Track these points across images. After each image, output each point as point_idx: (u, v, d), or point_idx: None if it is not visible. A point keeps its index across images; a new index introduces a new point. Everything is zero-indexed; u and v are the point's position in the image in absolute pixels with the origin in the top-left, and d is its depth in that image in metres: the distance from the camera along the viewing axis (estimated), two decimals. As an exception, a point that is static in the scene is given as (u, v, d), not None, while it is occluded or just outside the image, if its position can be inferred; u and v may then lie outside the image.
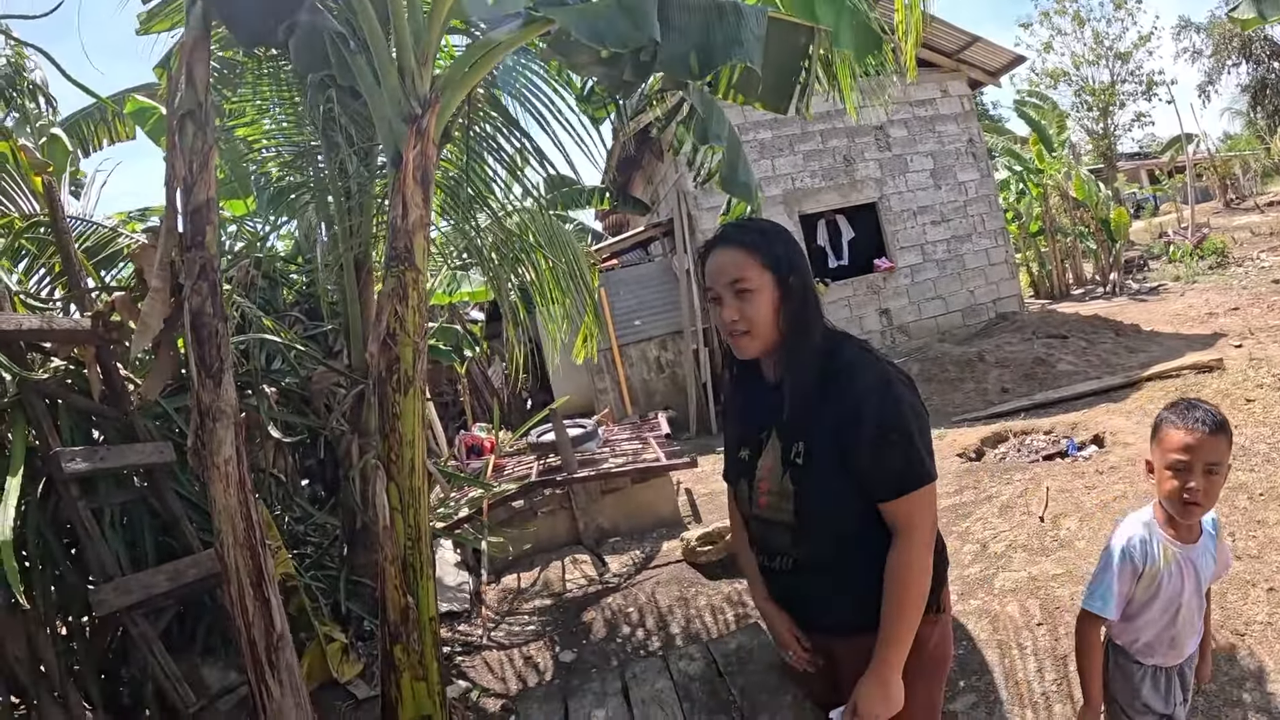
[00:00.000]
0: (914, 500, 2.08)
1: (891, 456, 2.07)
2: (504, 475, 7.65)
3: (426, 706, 3.44)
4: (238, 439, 3.15)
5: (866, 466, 2.09)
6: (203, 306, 3.11)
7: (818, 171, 13.58)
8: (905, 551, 2.07)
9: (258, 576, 3.15)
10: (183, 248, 3.18)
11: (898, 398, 2.09)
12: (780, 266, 2.16)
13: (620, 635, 5.36)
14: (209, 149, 3.22)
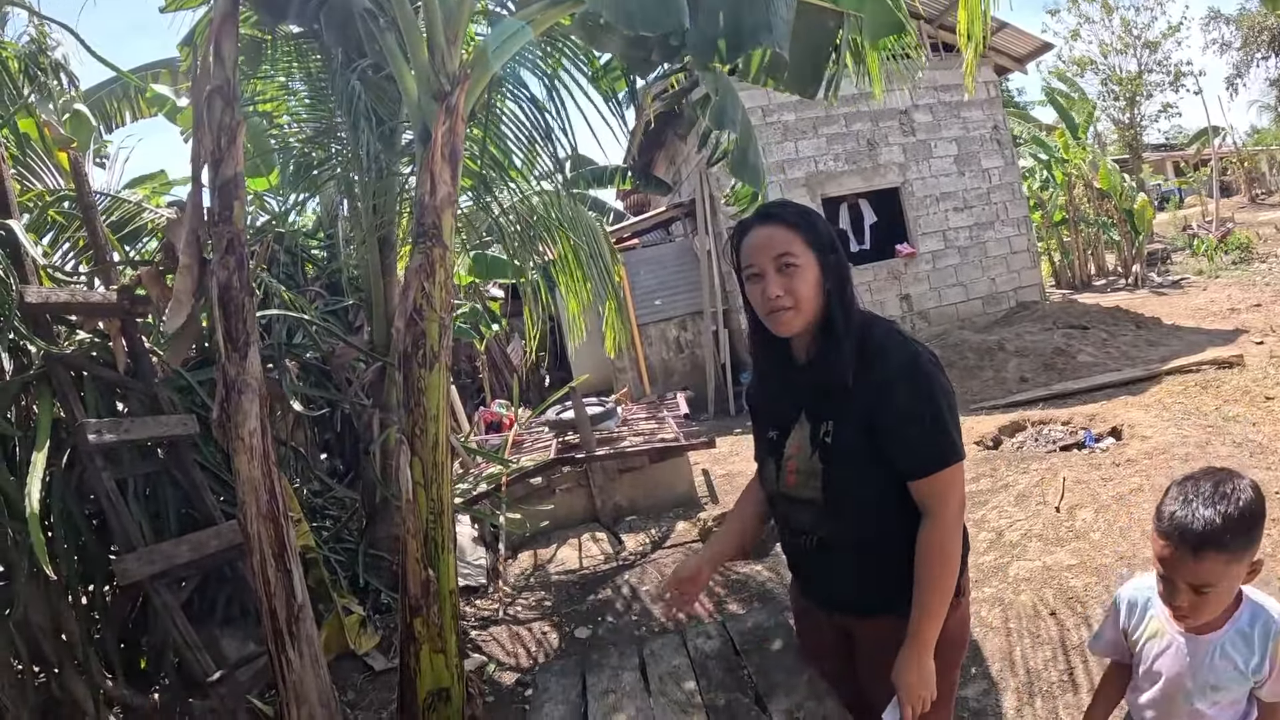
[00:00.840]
0: (944, 478, 2.11)
1: (922, 435, 2.10)
2: (522, 451, 7.69)
3: (445, 679, 3.47)
4: (262, 412, 3.18)
5: (897, 445, 2.12)
6: (230, 280, 3.14)
7: (841, 155, 13.51)
8: (936, 530, 2.10)
9: (280, 548, 3.19)
10: (210, 222, 3.21)
11: (929, 376, 2.12)
12: (823, 245, 2.18)
13: (635, 612, 5.42)
14: (236, 124, 3.25)
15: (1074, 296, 16.47)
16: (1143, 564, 4.61)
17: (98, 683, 3.74)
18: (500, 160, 5.61)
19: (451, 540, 3.42)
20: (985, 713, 3.78)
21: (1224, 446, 6.07)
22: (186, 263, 3.30)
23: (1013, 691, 3.87)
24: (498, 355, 13.81)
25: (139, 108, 9.35)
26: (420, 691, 3.46)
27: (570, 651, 4.99)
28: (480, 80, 3.65)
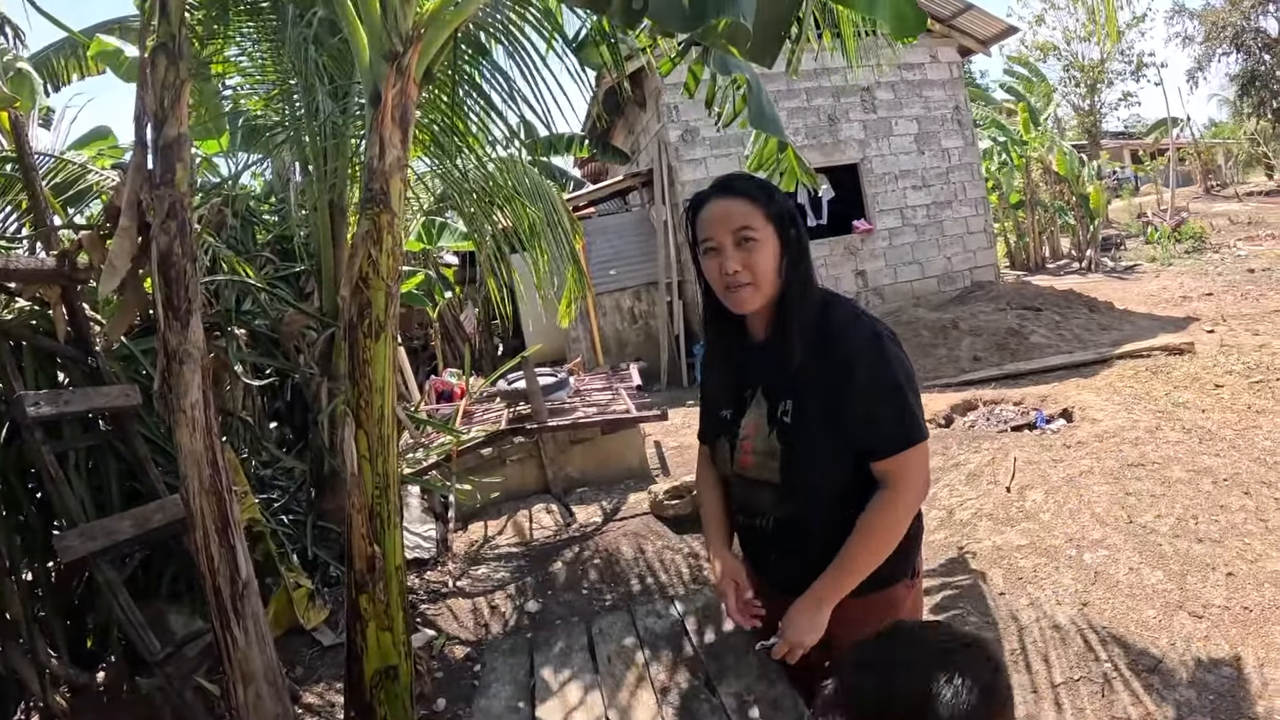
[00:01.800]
0: (907, 458, 2.07)
1: (885, 414, 2.06)
2: (474, 421, 7.61)
3: (391, 656, 3.41)
4: (204, 383, 3.08)
5: (859, 425, 2.07)
6: (171, 246, 3.02)
7: (801, 129, 13.47)
8: (892, 504, 2.07)
9: (223, 523, 3.10)
10: (152, 185, 3.10)
11: (890, 354, 2.08)
12: (783, 219, 2.12)
13: (586, 586, 5.38)
14: (182, 83, 3.12)
15: (1028, 278, 16.63)
16: (1090, 546, 4.68)
17: (43, 662, 3.65)
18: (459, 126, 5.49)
19: (398, 515, 3.35)
20: None
21: (1173, 432, 6.12)
22: (126, 226, 3.18)
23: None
24: (451, 323, 13.66)
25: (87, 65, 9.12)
26: (367, 669, 3.39)
27: (520, 627, 4.95)
28: (435, 40, 3.53)
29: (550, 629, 3.20)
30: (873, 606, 2.15)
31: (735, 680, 2.50)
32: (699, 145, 12.78)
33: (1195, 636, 3.78)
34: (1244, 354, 8.15)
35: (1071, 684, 3.63)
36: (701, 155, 12.72)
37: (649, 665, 2.68)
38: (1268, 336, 8.77)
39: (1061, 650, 3.87)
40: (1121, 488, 5.27)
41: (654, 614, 3.05)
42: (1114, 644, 3.84)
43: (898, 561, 2.15)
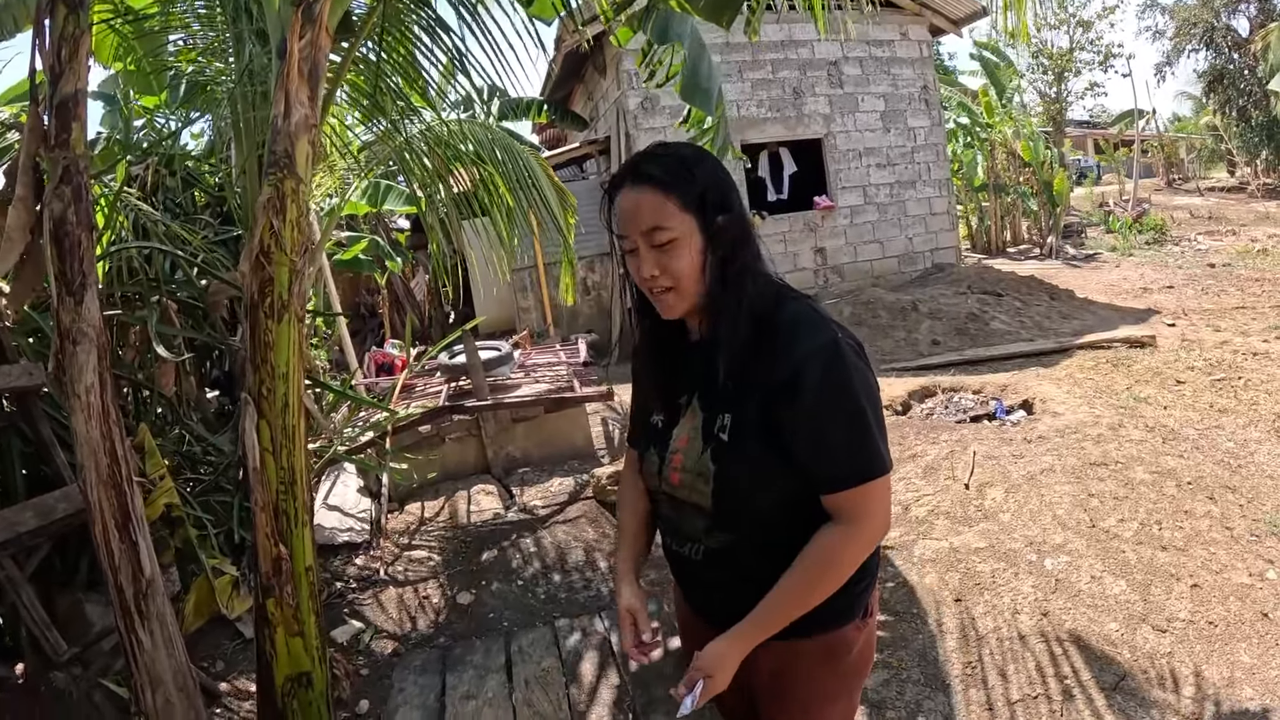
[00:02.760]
0: (863, 494, 1.72)
1: (838, 441, 1.71)
2: (414, 396, 7.31)
3: (304, 662, 3.15)
4: (102, 365, 2.79)
5: (808, 450, 1.73)
6: (65, 214, 2.72)
7: (765, 101, 13.20)
8: (837, 543, 1.74)
9: (123, 517, 2.85)
10: (47, 147, 2.76)
11: (849, 367, 1.70)
12: (706, 205, 1.76)
13: (522, 578, 5.10)
14: (82, 34, 2.79)
15: (988, 262, 16.52)
16: (1052, 551, 4.50)
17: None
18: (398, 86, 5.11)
19: (308, 512, 3.06)
20: (885, 704, 3.56)
21: (1136, 430, 5.96)
22: (21, 194, 2.86)
23: (914, 683, 3.66)
24: (401, 290, 13.33)
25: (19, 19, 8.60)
26: (278, 677, 3.15)
27: (449, 622, 4.66)
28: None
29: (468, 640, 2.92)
30: (819, 649, 1.89)
31: (664, 717, 2.22)
32: (659, 114, 12.44)
33: (1159, 653, 3.62)
34: (1205, 350, 8.09)
35: (1030, 701, 3.44)
36: (661, 124, 12.36)
37: (569, 692, 2.41)
38: (1229, 333, 8.71)
39: (1020, 665, 3.68)
40: (1084, 488, 5.08)
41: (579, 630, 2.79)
42: (1075, 658, 3.66)
43: (851, 601, 1.87)
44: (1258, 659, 3.54)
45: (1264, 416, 6.13)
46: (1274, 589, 4.00)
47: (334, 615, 4.73)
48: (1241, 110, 27.22)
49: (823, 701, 1.96)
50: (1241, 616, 3.80)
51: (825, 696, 1.95)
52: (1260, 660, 3.53)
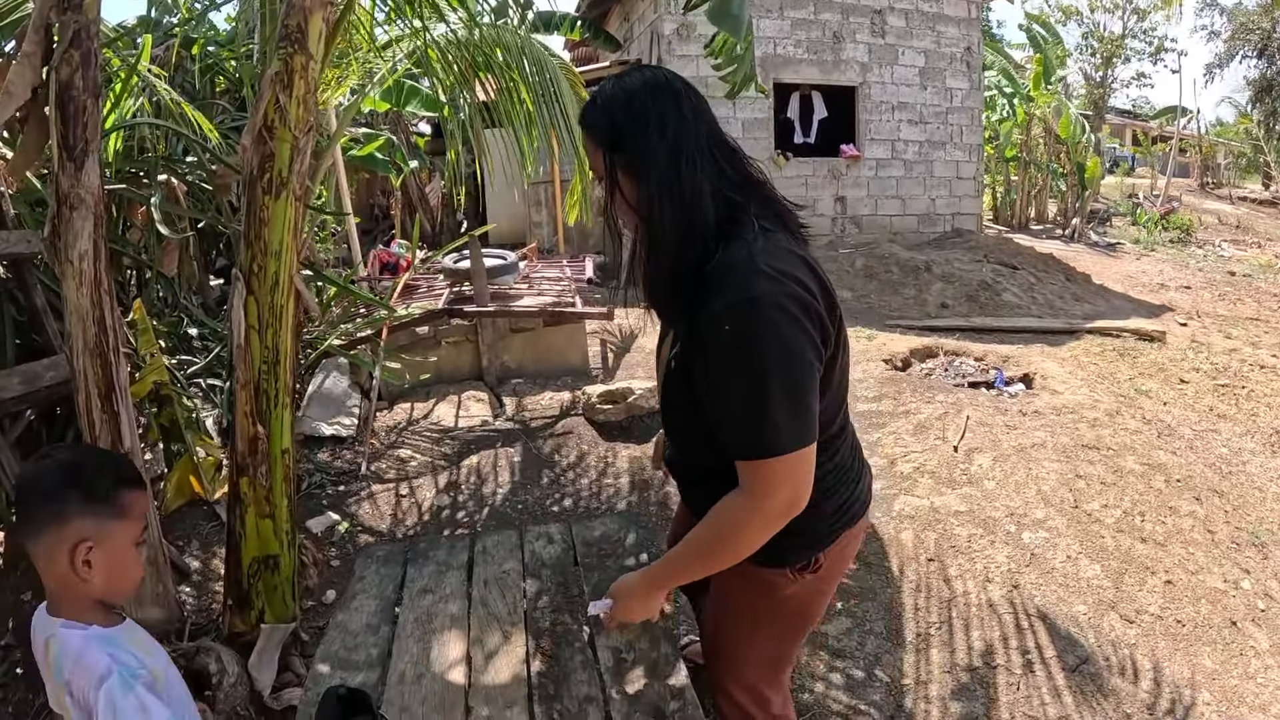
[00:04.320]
0: (762, 469, 1.63)
1: (735, 409, 1.63)
2: (415, 297, 7.26)
3: (272, 545, 3.15)
4: (97, 232, 2.76)
5: (712, 410, 1.69)
6: (72, 79, 2.66)
7: (803, 42, 12.93)
8: (735, 511, 1.69)
9: (107, 387, 2.85)
10: (59, 9, 2.69)
11: (760, 334, 1.57)
12: (623, 143, 1.71)
13: (500, 485, 5.12)
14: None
15: (1009, 235, 16.35)
16: (1031, 525, 4.48)
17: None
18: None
19: (289, 394, 3.03)
20: (845, 653, 3.57)
21: (1133, 420, 5.90)
22: (29, 50, 2.78)
23: (876, 636, 3.66)
24: (415, 193, 13.20)
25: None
26: (245, 558, 3.16)
27: (424, 522, 4.70)
28: None
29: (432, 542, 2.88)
30: (751, 578, 1.95)
31: (617, 632, 2.20)
32: (694, 42, 12.14)
33: (1123, 642, 3.61)
34: (1213, 354, 7.99)
35: (990, 669, 3.44)
36: (695, 52, 12.06)
37: (527, 596, 2.39)
38: (1239, 341, 8.61)
39: (985, 632, 3.67)
40: (1072, 468, 5.05)
41: (545, 537, 2.76)
42: (1041, 634, 3.65)
43: (780, 551, 1.83)
44: (1220, 665, 3.52)
45: (1262, 429, 6.06)
46: (1246, 599, 3.97)
47: (312, 506, 4.76)
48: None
49: (744, 624, 2.07)
50: (1210, 620, 3.78)
51: (749, 621, 2.06)
52: (1222, 667, 3.51)
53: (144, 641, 1.80)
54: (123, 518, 1.71)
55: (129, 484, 1.75)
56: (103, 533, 1.65)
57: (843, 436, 1.97)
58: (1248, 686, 3.41)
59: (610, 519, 2.97)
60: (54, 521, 1.63)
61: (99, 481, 1.69)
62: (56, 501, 1.64)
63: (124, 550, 1.71)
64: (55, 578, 1.67)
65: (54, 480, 1.66)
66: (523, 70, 5.33)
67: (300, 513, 4.60)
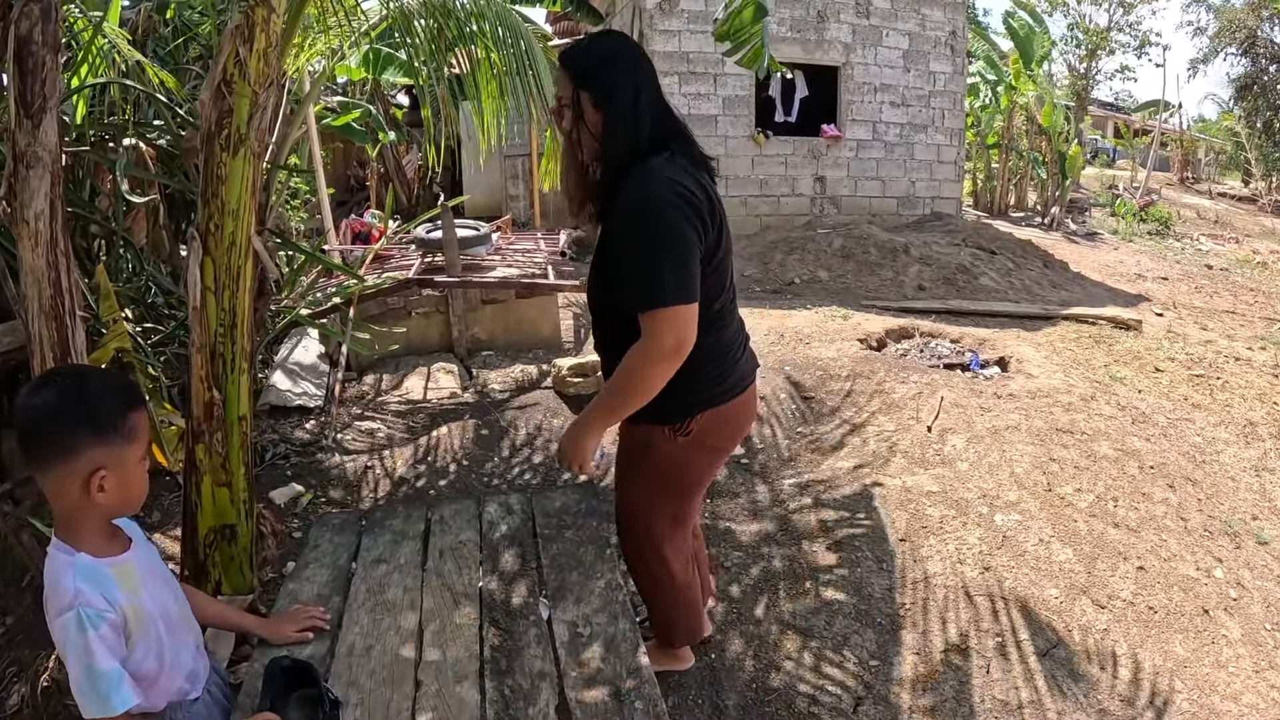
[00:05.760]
0: (653, 319, 2.16)
1: (636, 272, 2.19)
2: (386, 267, 7.16)
3: (229, 515, 3.06)
4: (54, 191, 2.66)
5: (623, 278, 2.26)
6: (31, 33, 2.56)
7: (786, 20, 12.77)
8: (638, 354, 2.20)
9: (63, 352, 2.77)
10: None
11: (652, 216, 2.17)
12: (577, 77, 2.32)
13: (468, 457, 5.05)
14: None
15: (988, 221, 16.34)
16: (1004, 507, 4.42)
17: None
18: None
19: (246, 359, 2.93)
20: (812, 632, 3.53)
21: (1107, 406, 5.85)
22: None
23: (845, 616, 3.63)
24: (391, 165, 13.07)
25: None
26: (201, 527, 3.08)
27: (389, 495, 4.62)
28: None
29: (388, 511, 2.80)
30: (639, 435, 2.52)
31: (574, 606, 2.16)
32: (676, 16, 12.04)
33: (1095, 627, 3.56)
34: (1189, 345, 7.99)
35: (961, 651, 3.41)
36: (677, 28, 11.98)
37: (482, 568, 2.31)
38: (1214, 334, 8.62)
39: (956, 614, 3.63)
40: (1046, 451, 4.99)
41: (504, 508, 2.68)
42: (1014, 617, 3.61)
43: (662, 404, 2.31)
44: (1191, 653, 3.50)
45: (1235, 419, 6.04)
46: (1218, 587, 3.95)
47: (276, 476, 4.69)
48: (1267, 123, 26.90)
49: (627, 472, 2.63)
50: (1183, 608, 3.75)
51: (630, 470, 2.61)
52: (1194, 655, 3.49)
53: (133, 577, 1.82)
54: (132, 440, 1.77)
55: (134, 405, 1.80)
56: (115, 459, 1.71)
57: (726, 319, 2.50)
58: (1219, 675, 3.39)
59: (570, 490, 2.92)
60: (63, 455, 1.67)
61: (106, 409, 1.72)
62: (66, 434, 1.67)
63: (134, 469, 1.79)
64: (63, 504, 1.73)
65: (60, 413, 1.68)
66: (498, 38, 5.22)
67: (264, 483, 4.54)
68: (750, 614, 3.66)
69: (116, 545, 1.83)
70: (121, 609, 1.72)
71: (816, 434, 5.37)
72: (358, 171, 13.40)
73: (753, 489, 4.71)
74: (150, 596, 1.83)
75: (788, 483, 4.77)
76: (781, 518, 4.42)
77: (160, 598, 1.89)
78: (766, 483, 4.79)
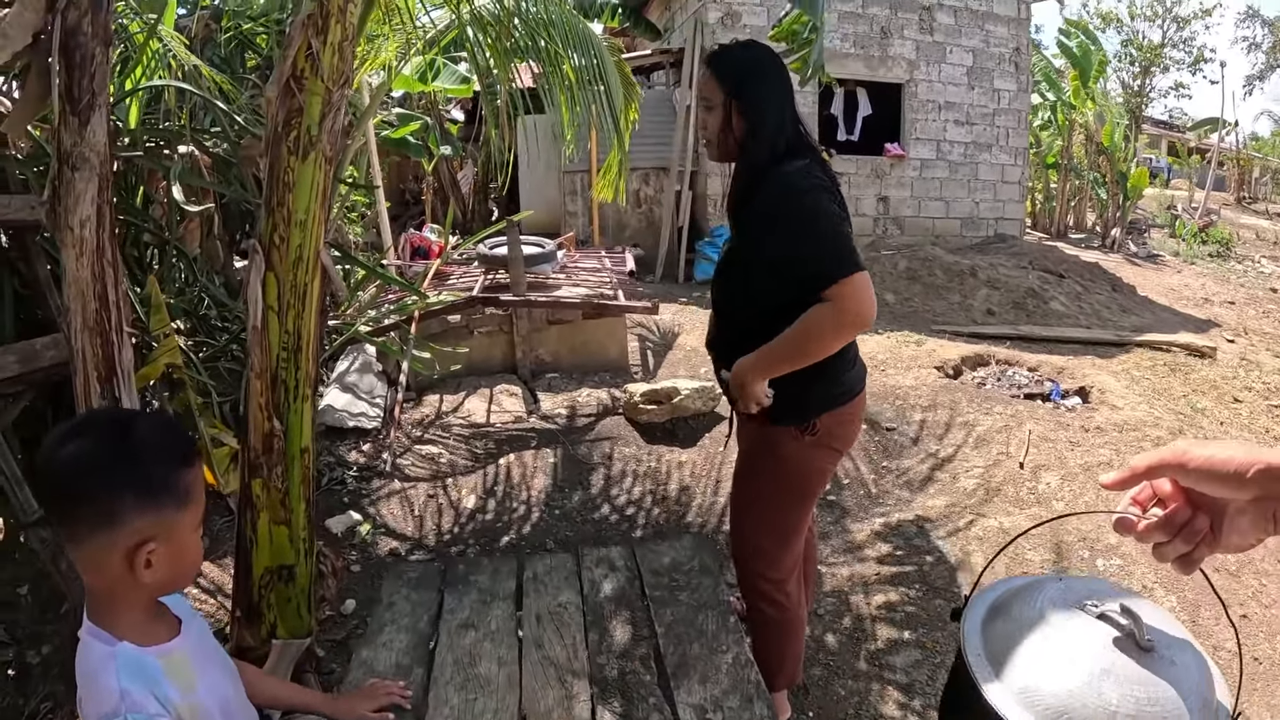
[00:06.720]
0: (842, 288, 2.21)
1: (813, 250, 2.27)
2: (445, 285, 6.96)
3: (287, 555, 2.79)
4: (102, 196, 2.43)
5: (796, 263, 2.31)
6: (80, 24, 2.34)
7: (850, 35, 12.51)
8: (824, 315, 2.24)
9: (108, 370, 2.53)
10: None
11: (811, 205, 2.30)
12: (731, 88, 2.47)
13: (536, 489, 4.80)
14: None
15: (1050, 243, 15.99)
16: (1105, 551, 4.17)
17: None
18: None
19: (309, 385, 2.67)
20: (914, 688, 3.30)
21: (1195, 439, 5.52)
22: None
23: (948, 670, 3.32)
24: (446, 180, 12.94)
25: None
26: (256, 567, 2.80)
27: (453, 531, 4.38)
28: None
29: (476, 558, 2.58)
30: (757, 435, 2.63)
31: (700, 685, 1.88)
32: (738, 32, 11.79)
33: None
34: (1264, 373, 7.72)
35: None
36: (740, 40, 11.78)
37: (588, 638, 2.04)
38: (1287, 362, 8.27)
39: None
40: (1143, 490, 4.67)
41: (606, 563, 2.42)
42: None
43: (789, 404, 2.46)
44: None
45: (1319, 452, 5.72)
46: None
47: (331, 503, 4.47)
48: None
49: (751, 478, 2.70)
50: (1287, 659, 3.51)
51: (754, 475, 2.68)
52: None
53: (187, 668, 1.50)
54: (187, 505, 1.44)
55: (190, 460, 1.47)
56: (166, 528, 1.39)
57: None
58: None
59: (680, 543, 2.64)
60: (103, 523, 1.34)
61: (157, 467, 1.39)
62: (106, 497, 1.34)
63: (188, 538, 1.46)
64: (101, 582, 1.40)
65: (99, 470, 1.35)
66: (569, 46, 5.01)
67: (319, 510, 4.32)
68: (849, 666, 3.41)
69: (164, 628, 1.51)
70: (176, 710, 1.41)
71: (903, 468, 5.11)
72: (413, 186, 13.27)
73: (844, 528, 4.46)
74: (207, 689, 1.52)
75: (878, 521, 4.51)
76: (875, 559, 4.16)
77: (219, 687, 1.58)
78: (857, 522, 4.53)
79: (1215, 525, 1.01)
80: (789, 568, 2.70)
